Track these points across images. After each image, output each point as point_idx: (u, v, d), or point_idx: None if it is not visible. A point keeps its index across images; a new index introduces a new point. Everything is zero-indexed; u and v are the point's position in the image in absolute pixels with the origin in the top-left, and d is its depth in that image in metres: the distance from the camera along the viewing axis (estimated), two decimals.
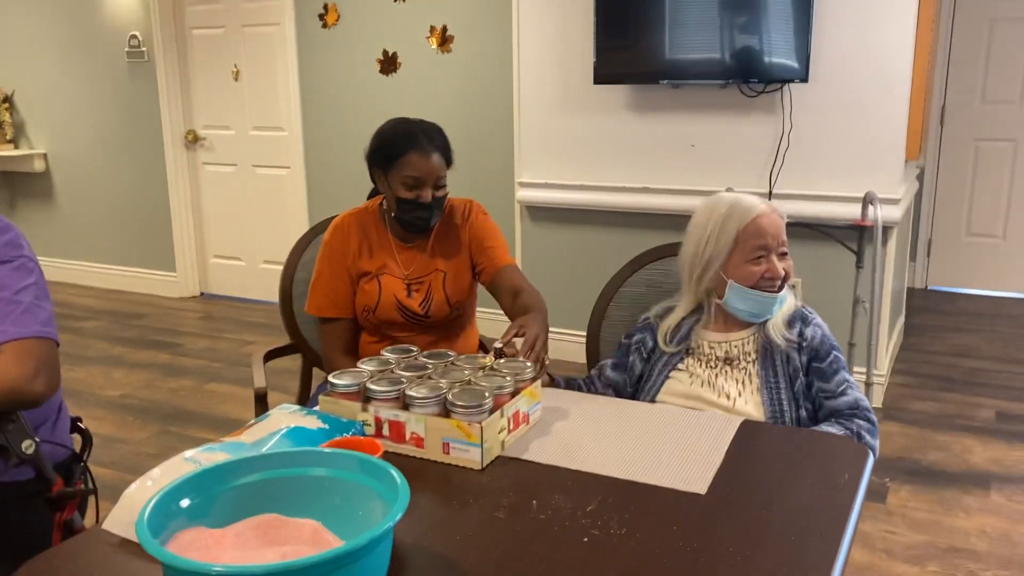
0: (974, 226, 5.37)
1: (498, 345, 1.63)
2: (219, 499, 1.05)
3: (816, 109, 3.48)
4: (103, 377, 4.09)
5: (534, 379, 1.55)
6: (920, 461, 3.12)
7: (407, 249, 2.12)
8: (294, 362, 2.47)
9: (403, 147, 1.98)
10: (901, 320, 4.53)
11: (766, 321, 1.76)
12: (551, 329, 3.84)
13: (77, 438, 1.64)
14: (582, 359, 2.29)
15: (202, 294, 5.63)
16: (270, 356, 2.36)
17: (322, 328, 2.15)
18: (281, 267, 2.38)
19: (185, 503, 1.01)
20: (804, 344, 1.73)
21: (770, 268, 1.72)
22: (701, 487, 1.31)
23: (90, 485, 1.56)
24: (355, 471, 1.07)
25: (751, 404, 1.70)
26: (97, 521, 1.66)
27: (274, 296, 5.28)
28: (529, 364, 1.55)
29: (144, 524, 0.94)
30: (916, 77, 3.41)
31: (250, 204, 5.30)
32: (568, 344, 3.99)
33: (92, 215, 5.66)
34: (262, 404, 2.15)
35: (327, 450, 1.10)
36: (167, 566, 0.90)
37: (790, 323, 1.75)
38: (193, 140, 5.33)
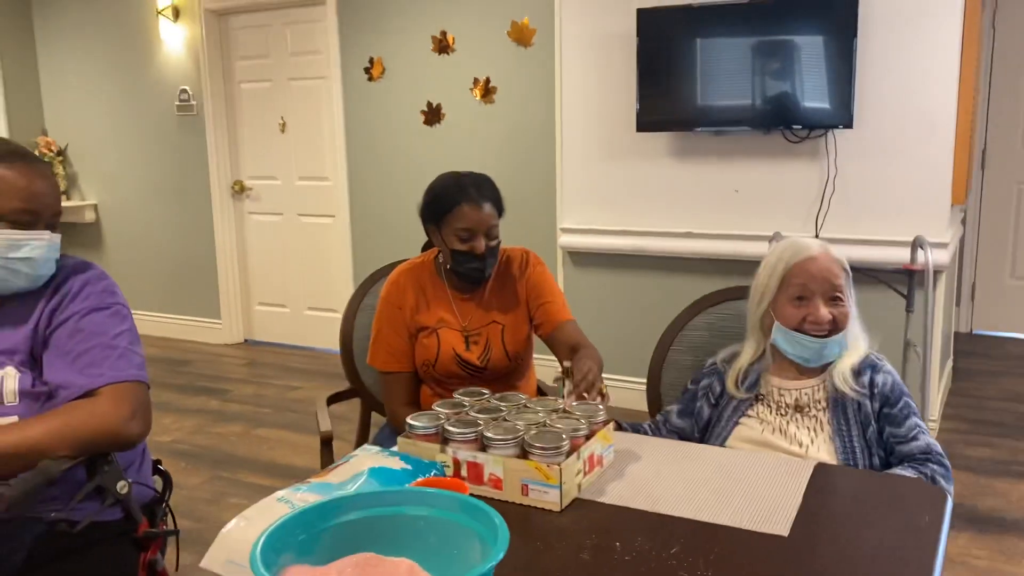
0: (1018, 269, 5.32)
1: (567, 364, 1.70)
2: (322, 536, 1.08)
3: (861, 154, 3.50)
4: (154, 423, 4.15)
5: (604, 420, 1.57)
6: (977, 507, 3.07)
7: (464, 301, 2.15)
8: (348, 408, 2.50)
9: (454, 200, 2.01)
10: (949, 364, 4.49)
11: (830, 367, 1.76)
12: (605, 374, 3.84)
13: (157, 480, 1.68)
14: (637, 406, 2.30)
15: (246, 341, 5.71)
16: (331, 400, 2.40)
17: (384, 380, 2.18)
18: (326, 313, 2.43)
19: (295, 539, 1.04)
20: (876, 392, 1.73)
21: (812, 312, 1.71)
22: (783, 529, 1.32)
23: (172, 526, 1.59)
24: (454, 511, 1.09)
25: (824, 452, 1.69)
26: (177, 562, 1.70)
27: (318, 342, 5.39)
28: (601, 407, 1.57)
29: (257, 559, 0.97)
30: (960, 121, 3.43)
31: (295, 252, 5.40)
32: (619, 391, 3.99)
33: (140, 264, 5.80)
34: (328, 448, 2.18)
35: (428, 490, 1.13)
36: None
37: (859, 372, 1.75)
38: (240, 190, 5.47)
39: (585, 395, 1.63)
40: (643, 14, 3.69)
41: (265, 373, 4.99)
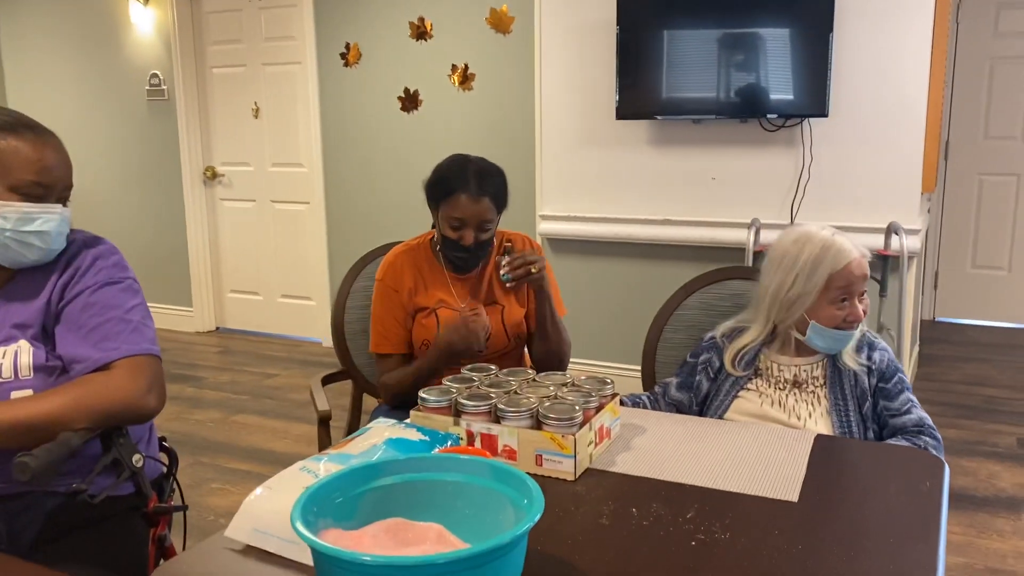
0: (979, 258, 5.48)
1: (508, 244, 2.04)
2: (357, 500, 1.10)
3: (836, 143, 3.58)
4: None
5: (612, 394, 1.60)
6: (949, 486, 3.17)
7: (462, 281, 2.16)
8: (332, 393, 2.49)
9: (454, 186, 2.00)
10: (916, 350, 4.61)
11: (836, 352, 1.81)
12: (584, 359, 3.84)
13: (163, 456, 1.68)
14: (631, 389, 2.34)
15: (218, 328, 5.65)
16: (324, 382, 2.39)
17: (381, 362, 2.19)
18: (301, 301, 2.41)
19: (332, 501, 1.06)
20: (873, 368, 1.79)
21: (852, 312, 1.75)
22: (792, 495, 1.36)
23: (180, 502, 1.59)
24: (486, 477, 1.12)
25: (821, 425, 1.75)
26: (184, 539, 1.69)
27: (293, 330, 5.37)
28: (610, 381, 1.61)
29: (297, 519, 0.99)
30: (930, 112, 3.52)
31: (268, 239, 5.35)
32: (600, 371, 4.04)
33: None
34: (325, 427, 2.18)
35: (460, 456, 1.15)
36: (322, 555, 0.94)
37: (858, 349, 1.81)
38: (212, 177, 5.40)
39: (518, 270, 1.93)
40: (623, 2, 3.72)
41: (240, 361, 4.95)
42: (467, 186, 1.99)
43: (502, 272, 1.96)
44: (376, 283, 2.18)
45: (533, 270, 1.96)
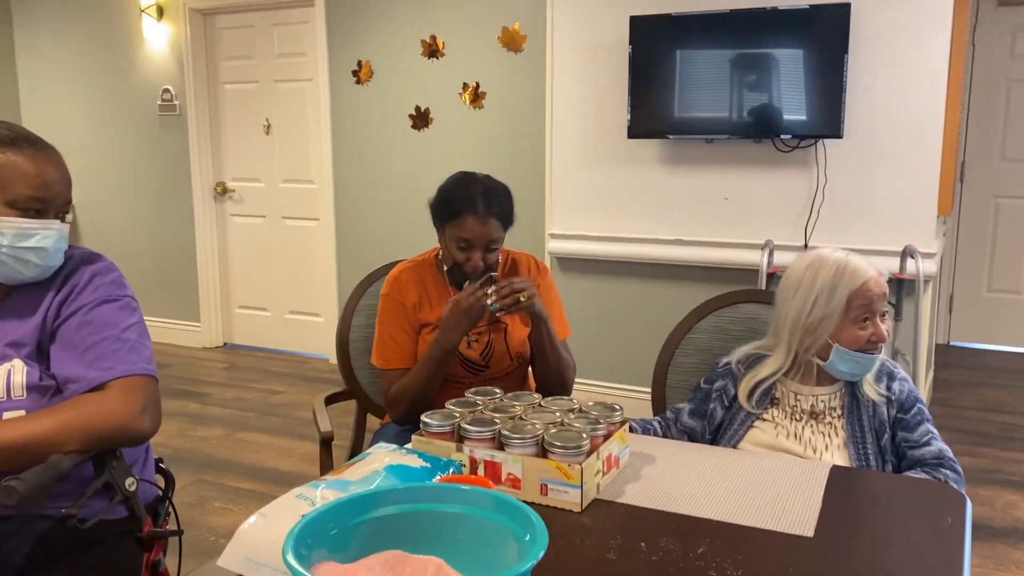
0: (995, 282, 5.40)
1: (494, 274, 1.95)
2: (353, 531, 1.05)
3: (851, 164, 3.54)
4: None
5: (621, 421, 1.55)
6: None
7: None
8: (337, 412, 2.46)
9: (460, 207, 1.96)
10: (931, 375, 4.54)
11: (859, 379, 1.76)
12: (592, 380, 3.81)
13: (159, 478, 1.64)
14: (639, 412, 2.29)
15: (225, 344, 5.63)
16: (328, 402, 2.36)
17: (386, 376, 2.15)
18: (309, 317, 2.38)
19: (326, 533, 1.01)
20: (892, 399, 1.73)
21: (876, 332, 1.70)
22: (807, 530, 1.31)
23: (176, 526, 1.55)
24: (488, 508, 1.07)
25: (838, 458, 1.69)
26: (179, 566, 1.65)
27: (300, 347, 5.33)
28: (619, 407, 1.56)
29: (289, 553, 0.94)
30: (947, 134, 3.48)
31: (278, 255, 5.33)
32: (607, 397, 3.99)
33: (119, 265, 5.69)
34: (328, 449, 2.14)
35: (462, 486, 1.10)
36: None
37: (878, 378, 1.76)
38: (222, 192, 5.40)
39: (506, 299, 1.88)
40: (636, 22, 3.70)
41: (246, 377, 4.92)
42: (474, 207, 1.96)
43: (489, 302, 1.90)
44: (381, 298, 2.15)
45: (522, 299, 1.90)
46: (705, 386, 1.88)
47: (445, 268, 2.10)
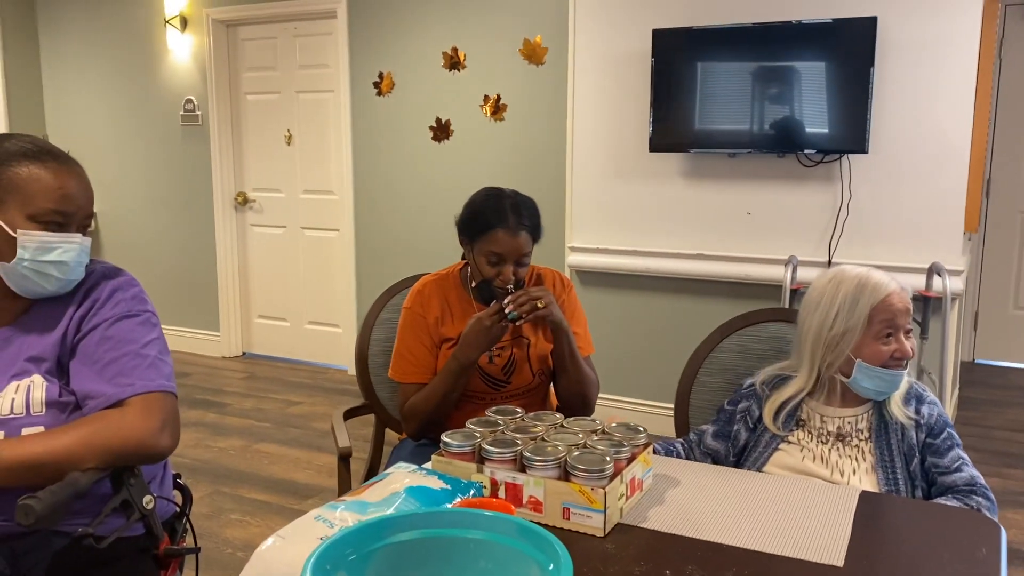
0: (1021, 299, 5.32)
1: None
2: (372, 556, 1.03)
3: (876, 180, 3.49)
4: None
5: (644, 443, 1.52)
6: None
7: None
8: (354, 426, 2.44)
9: (490, 223, 1.96)
10: (956, 393, 4.47)
11: (885, 398, 1.73)
12: (613, 395, 3.77)
13: (176, 494, 1.62)
14: (661, 428, 2.26)
15: (244, 354, 5.64)
16: (347, 416, 2.34)
17: (403, 389, 2.13)
18: (328, 328, 2.37)
19: (344, 558, 0.99)
20: (922, 423, 1.69)
21: (900, 348, 1.66)
22: (837, 559, 1.27)
23: (193, 543, 1.53)
24: (511, 536, 1.05)
25: (866, 482, 1.65)
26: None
27: (319, 357, 5.33)
28: (642, 429, 1.53)
29: None
30: (974, 149, 3.42)
31: (297, 266, 5.34)
32: (627, 414, 3.95)
33: (139, 274, 5.61)
34: (346, 464, 2.12)
35: (485, 512, 1.08)
36: None
37: (906, 401, 1.71)
38: (243, 202, 5.42)
39: (523, 306, 1.88)
40: (659, 35, 3.69)
41: (264, 387, 4.92)
42: (505, 221, 1.96)
43: (507, 310, 1.90)
44: (404, 311, 2.14)
45: (540, 305, 1.90)
46: (729, 407, 1.84)
47: (473, 284, 2.08)
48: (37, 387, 1.35)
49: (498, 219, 1.96)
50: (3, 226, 1.35)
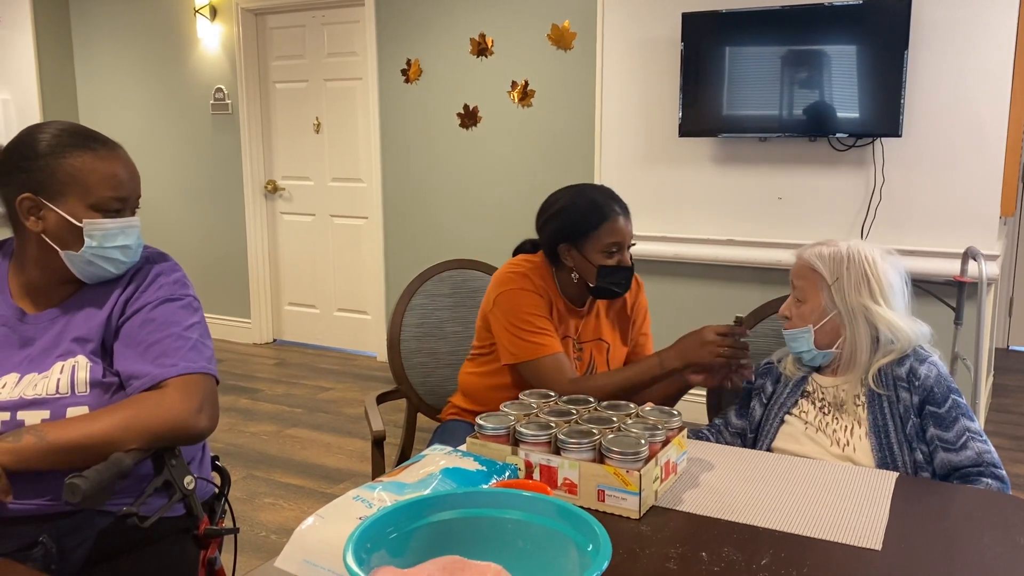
0: None
1: (741, 315, 1.85)
2: (412, 535, 1.04)
3: (909, 164, 3.44)
4: None
5: (679, 426, 1.52)
6: None
7: (574, 313, 2.07)
8: (385, 410, 2.45)
9: (600, 217, 1.95)
10: (991, 380, 4.41)
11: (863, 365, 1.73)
12: None
13: (215, 476, 1.65)
14: (692, 414, 2.25)
15: (275, 340, 5.69)
16: (379, 400, 2.36)
17: (553, 362, 1.93)
18: (357, 315, 2.38)
19: (386, 536, 1.01)
20: (917, 384, 1.66)
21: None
22: (876, 543, 1.27)
23: (231, 523, 1.56)
24: (549, 516, 1.05)
25: (860, 449, 1.66)
26: (234, 564, 1.66)
27: (348, 344, 5.37)
28: (677, 412, 1.53)
29: (349, 556, 0.93)
30: (1011, 132, 3.36)
31: (327, 253, 5.38)
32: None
33: None
34: (380, 449, 2.14)
35: (523, 492, 1.08)
36: None
37: (900, 362, 1.70)
38: (272, 190, 5.46)
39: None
40: (688, 19, 3.65)
41: (295, 373, 4.97)
42: (614, 209, 1.97)
43: (744, 383, 1.86)
44: (515, 291, 1.98)
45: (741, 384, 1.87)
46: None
47: (590, 285, 2.00)
48: (82, 367, 1.38)
49: (608, 210, 1.96)
50: (68, 218, 1.37)
